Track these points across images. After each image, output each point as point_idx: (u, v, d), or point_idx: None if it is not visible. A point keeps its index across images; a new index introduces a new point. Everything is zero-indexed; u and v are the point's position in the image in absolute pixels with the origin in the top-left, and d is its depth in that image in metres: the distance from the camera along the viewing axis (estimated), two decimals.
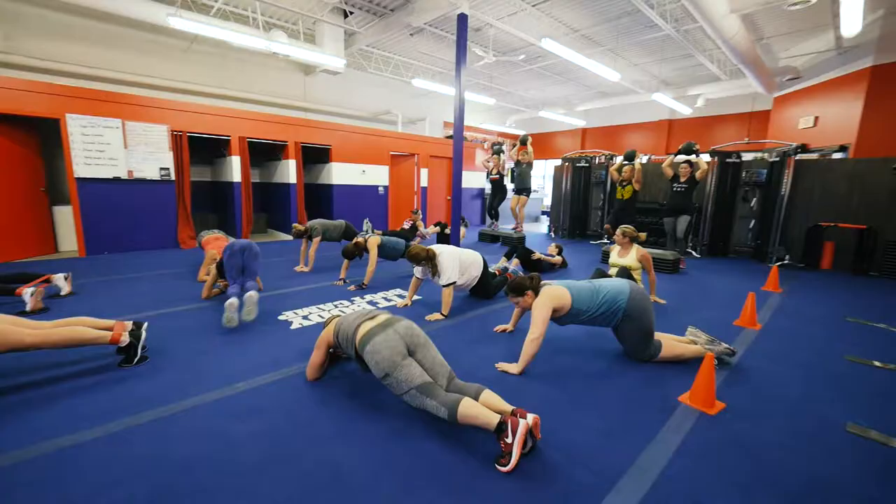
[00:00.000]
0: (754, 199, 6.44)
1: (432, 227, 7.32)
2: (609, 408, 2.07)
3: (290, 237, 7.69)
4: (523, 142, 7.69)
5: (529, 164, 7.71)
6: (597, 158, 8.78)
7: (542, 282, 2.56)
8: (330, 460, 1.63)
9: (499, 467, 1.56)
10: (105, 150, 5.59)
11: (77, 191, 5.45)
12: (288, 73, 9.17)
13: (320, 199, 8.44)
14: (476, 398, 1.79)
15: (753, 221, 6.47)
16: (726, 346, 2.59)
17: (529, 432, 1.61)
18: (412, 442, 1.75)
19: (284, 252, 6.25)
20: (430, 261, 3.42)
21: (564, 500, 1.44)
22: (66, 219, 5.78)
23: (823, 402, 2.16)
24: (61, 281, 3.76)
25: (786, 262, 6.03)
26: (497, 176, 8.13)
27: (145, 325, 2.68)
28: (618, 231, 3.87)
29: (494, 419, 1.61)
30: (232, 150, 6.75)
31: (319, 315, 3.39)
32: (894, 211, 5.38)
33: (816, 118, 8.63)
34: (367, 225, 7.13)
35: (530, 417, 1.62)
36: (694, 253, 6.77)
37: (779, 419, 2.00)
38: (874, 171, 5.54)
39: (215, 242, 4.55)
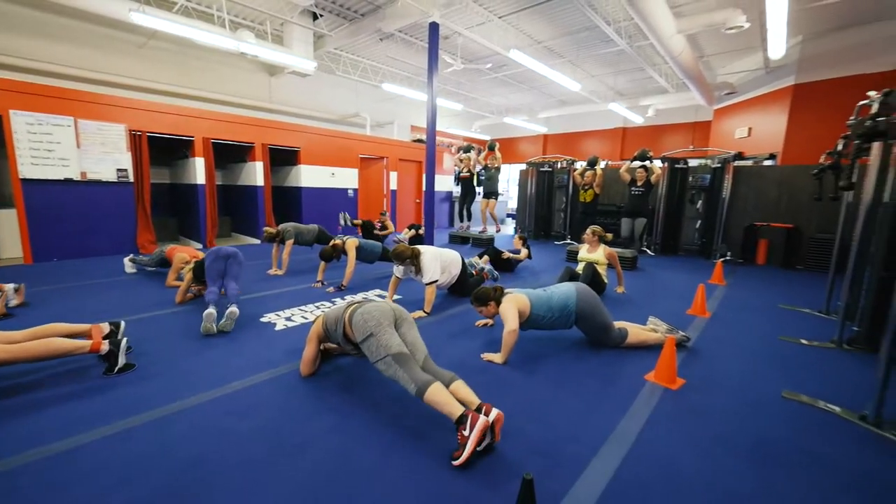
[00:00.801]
0: (700, 201, 7.07)
1: (406, 230, 7.42)
2: (586, 387, 2.29)
3: (256, 241, 7.51)
4: (491, 147, 8.01)
5: (497, 169, 8.03)
6: (559, 163, 9.24)
7: (505, 291, 2.76)
8: (336, 449, 1.72)
9: (452, 461, 1.58)
10: (55, 149, 5.24)
11: (22, 193, 5.06)
12: (252, 74, 8.94)
13: (288, 201, 8.29)
14: (448, 385, 1.84)
15: (700, 222, 7.11)
16: (683, 333, 2.92)
17: (490, 429, 1.64)
18: (411, 427, 1.86)
19: (254, 256, 6.10)
20: (414, 259, 3.54)
21: (556, 466, 1.62)
22: (8, 223, 5.33)
23: (763, 375, 2.51)
24: (11, 292, 3.51)
25: (728, 258, 6.68)
26: (468, 174, 8.34)
27: (122, 325, 2.62)
28: (588, 230, 4.20)
29: (457, 411, 1.66)
30: (196, 151, 6.51)
31: (302, 316, 3.41)
32: (814, 212, 6.12)
33: (750, 129, 9.60)
34: (343, 218, 7.10)
35: (493, 414, 1.66)
36: (648, 251, 7.32)
37: (728, 390, 2.30)
38: (798, 177, 6.29)
39: (181, 247, 4.42)
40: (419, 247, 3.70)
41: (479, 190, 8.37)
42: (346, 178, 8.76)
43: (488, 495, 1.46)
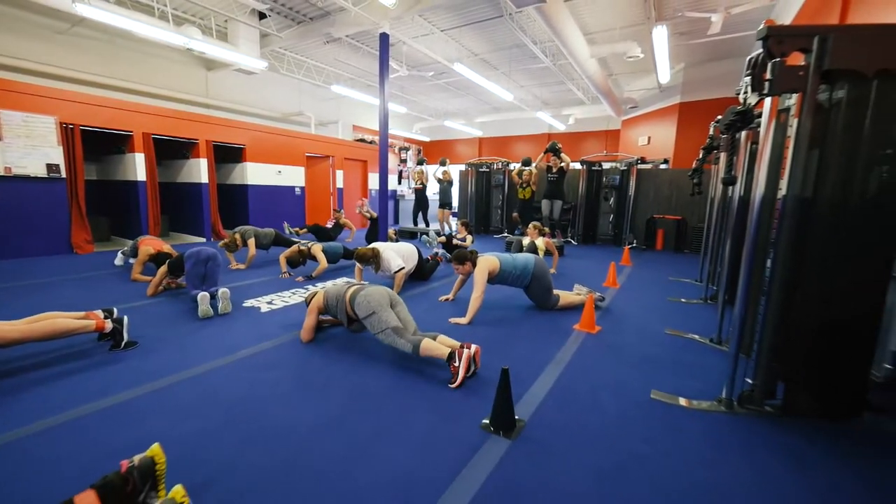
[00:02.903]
0: (612, 198, 8.39)
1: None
2: (532, 336, 3.01)
3: (201, 239, 7.36)
4: (442, 163, 8.87)
5: (450, 183, 8.90)
6: (495, 165, 10.18)
7: (478, 255, 3.44)
8: (356, 384, 2.22)
9: (450, 384, 2.21)
10: None
11: None
12: (187, 67, 8.59)
13: (233, 199, 8.17)
14: (434, 339, 2.43)
15: (612, 215, 8.43)
16: (599, 294, 3.80)
17: (472, 360, 2.27)
18: (408, 368, 2.43)
19: None
20: (375, 258, 4.02)
21: (516, 381, 2.25)
22: None
23: (654, 321, 3.45)
24: None
25: (634, 245, 8.04)
26: (421, 186, 9.02)
27: (115, 311, 2.80)
28: (530, 225, 5.10)
29: (446, 351, 2.27)
30: (135, 146, 6.27)
31: (283, 300, 3.75)
32: (695, 206, 7.66)
33: (650, 137, 11.38)
34: (286, 228, 7.28)
35: (473, 348, 2.27)
36: (573, 241, 8.50)
37: (630, 331, 3.18)
38: (683, 178, 7.79)
39: (150, 241, 4.46)
40: (377, 246, 4.18)
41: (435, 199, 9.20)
42: (293, 176, 8.83)
43: (473, 399, 2.08)
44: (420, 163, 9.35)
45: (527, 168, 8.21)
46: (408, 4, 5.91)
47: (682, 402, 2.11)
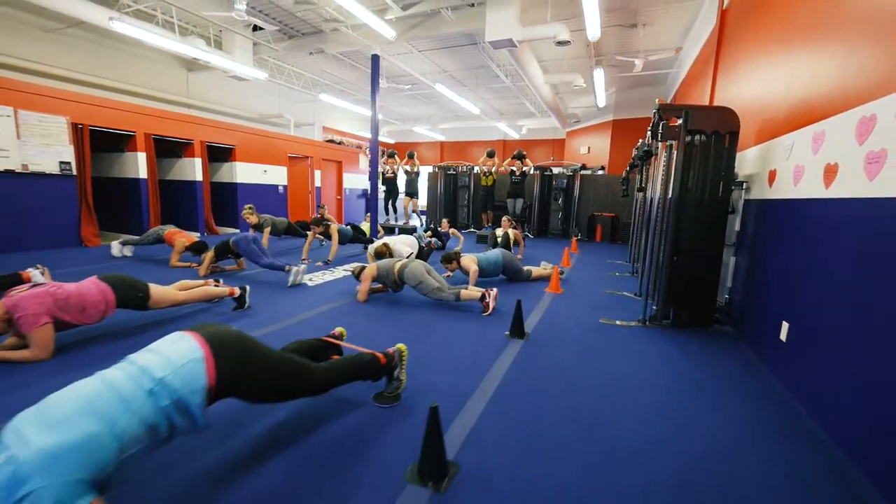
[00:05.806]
0: (560, 198, 10.00)
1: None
2: (518, 296, 4.26)
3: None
4: (410, 156, 9.82)
5: (417, 173, 9.88)
6: (461, 167, 11.44)
7: (461, 255, 4.61)
8: (415, 320, 3.31)
9: (483, 313, 3.48)
10: None
11: None
12: (169, 67, 8.85)
13: (221, 196, 8.62)
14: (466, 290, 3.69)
15: (561, 213, 10.05)
16: (562, 268, 5.17)
17: (495, 298, 3.58)
18: (441, 313, 3.56)
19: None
20: (388, 251, 5.04)
21: (510, 321, 3.51)
22: None
23: (598, 286, 4.86)
24: (38, 276, 3.92)
25: (579, 237, 9.70)
26: (392, 175, 9.96)
27: (221, 281, 3.62)
28: (504, 219, 6.37)
29: (479, 294, 3.53)
30: (137, 145, 6.67)
31: (321, 278, 4.68)
32: (626, 206, 9.46)
33: (589, 147, 13.29)
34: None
35: (494, 290, 3.60)
36: (529, 235, 10.00)
37: (583, 292, 4.55)
38: (616, 182, 9.57)
39: (179, 234, 5.11)
40: (387, 240, 5.22)
41: (402, 189, 10.07)
42: (276, 175, 9.42)
43: (492, 326, 3.27)
44: (391, 155, 10.27)
45: (491, 158, 9.54)
46: (401, 31, 6.93)
47: (618, 322, 3.46)
